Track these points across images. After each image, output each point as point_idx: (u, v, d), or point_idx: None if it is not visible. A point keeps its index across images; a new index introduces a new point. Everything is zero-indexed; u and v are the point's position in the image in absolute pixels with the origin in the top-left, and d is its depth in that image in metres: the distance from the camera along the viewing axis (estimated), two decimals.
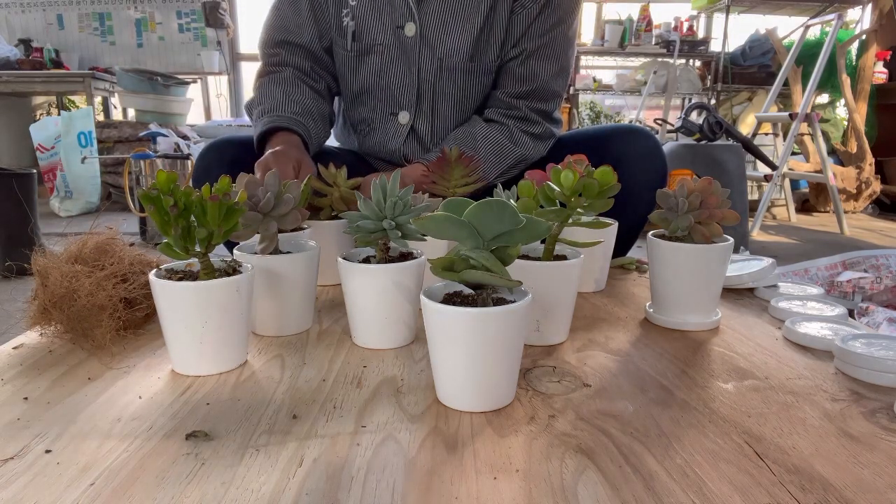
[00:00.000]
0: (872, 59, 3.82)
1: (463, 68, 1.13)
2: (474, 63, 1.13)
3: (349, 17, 1.12)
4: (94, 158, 3.53)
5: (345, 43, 1.14)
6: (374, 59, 1.14)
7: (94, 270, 0.68)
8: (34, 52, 4.25)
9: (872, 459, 0.47)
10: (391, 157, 1.21)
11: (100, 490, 0.42)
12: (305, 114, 1.09)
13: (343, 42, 1.14)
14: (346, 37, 1.13)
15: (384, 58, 1.13)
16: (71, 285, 0.65)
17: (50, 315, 0.68)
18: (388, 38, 1.12)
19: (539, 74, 1.13)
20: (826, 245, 2.82)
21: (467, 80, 1.14)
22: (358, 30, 1.12)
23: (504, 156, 1.13)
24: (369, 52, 1.13)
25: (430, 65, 1.12)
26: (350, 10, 1.12)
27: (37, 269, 0.68)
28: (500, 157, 1.13)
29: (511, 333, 0.52)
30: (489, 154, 1.12)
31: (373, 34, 1.12)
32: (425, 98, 1.15)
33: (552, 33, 1.12)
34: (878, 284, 1.33)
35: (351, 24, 1.12)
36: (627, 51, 4.52)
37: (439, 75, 1.13)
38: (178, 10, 4.67)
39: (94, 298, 0.66)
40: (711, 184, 0.74)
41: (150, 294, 0.62)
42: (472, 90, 1.16)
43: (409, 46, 1.11)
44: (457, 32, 1.10)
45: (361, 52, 1.14)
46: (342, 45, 1.15)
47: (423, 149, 1.19)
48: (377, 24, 1.11)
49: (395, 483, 0.43)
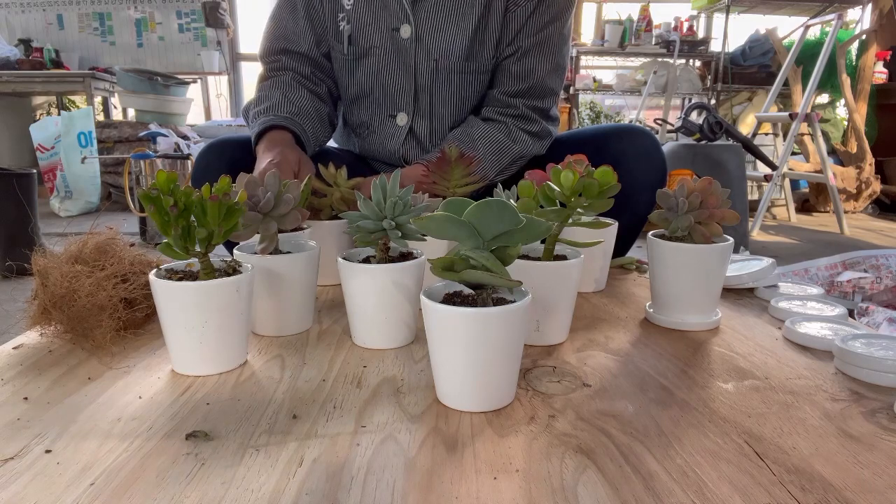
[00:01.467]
0: (872, 59, 3.82)
1: (459, 68, 1.13)
2: (470, 62, 1.13)
3: (345, 22, 1.13)
4: (94, 158, 3.53)
5: (341, 47, 1.14)
6: (371, 62, 1.14)
7: (95, 271, 0.68)
8: (34, 52, 4.25)
9: (872, 459, 0.47)
10: (390, 159, 1.21)
11: (100, 490, 0.42)
12: (302, 114, 1.09)
13: (340, 46, 1.15)
14: (343, 41, 1.14)
15: (380, 60, 1.13)
16: (71, 285, 0.65)
17: (50, 315, 0.68)
18: (384, 41, 1.12)
19: (535, 72, 1.13)
20: (826, 245, 2.82)
21: (463, 80, 1.14)
22: (354, 33, 1.13)
23: (503, 154, 1.13)
24: (365, 55, 1.14)
25: (426, 66, 1.13)
26: (346, 14, 1.12)
27: (37, 269, 0.68)
28: (499, 156, 1.13)
29: (511, 333, 0.52)
30: (488, 153, 1.12)
31: (368, 37, 1.12)
32: (422, 99, 1.15)
33: (547, 30, 1.12)
34: (878, 284, 1.33)
35: (347, 27, 1.12)
36: (627, 51, 4.52)
37: (436, 76, 1.13)
38: (178, 10, 4.67)
39: (94, 298, 0.66)
40: (711, 184, 0.74)
41: (151, 294, 0.62)
42: (469, 90, 1.16)
43: (405, 48, 1.11)
44: (452, 33, 1.11)
45: (358, 56, 1.14)
46: (339, 49, 1.15)
47: (422, 150, 1.19)
48: (373, 26, 1.11)
49: (395, 483, 0.43)
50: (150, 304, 0.70)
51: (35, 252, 0.70)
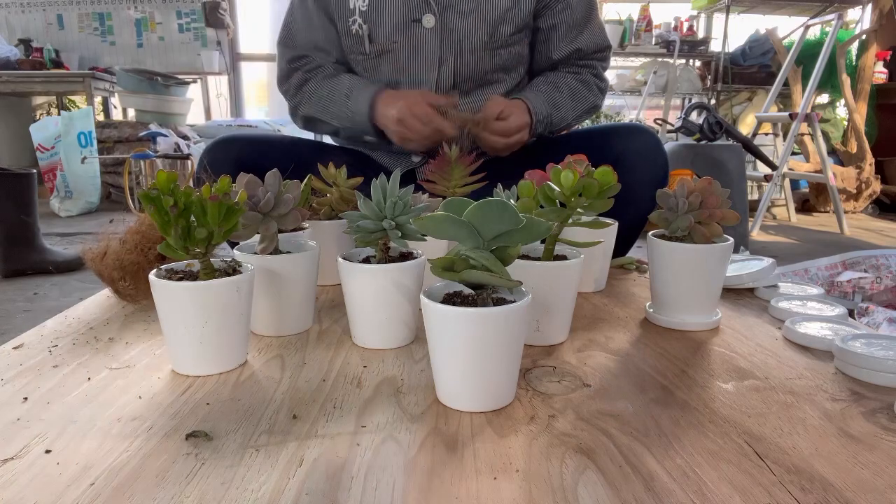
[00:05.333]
0: (872, 59, 3.81)
1: (482, 45, 1.15)
2: (496, 37, 1.15)
3: (357, 24, 1.14)
4: (94, 158, 3.53)
5: (361, 48, 1.16)
6: (394, 58, 1.15)
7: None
8: (34, 52, 4.25)
9: (872, 459, 0.47)
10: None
11: (100, 490, 0.42)
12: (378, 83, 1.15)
13: (359, 47, 1.16)
14: (362, 42, 1.15)
15: (403, 54, 1.15)
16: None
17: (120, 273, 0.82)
18: (407, 34, 1.13)
19: (598, 31, 1.21)
20: (826, 245, 2.82)
21: (489, 55, 1.16)
22: (372, 32, 1.14)
23: (583, 101, 1.20)
24: (388, 51, 1.15)
25: (449, 50, 1.14)
26: (359, 17, 1.13)
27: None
28: (581, 102, 1.19)
29: (511, 333, 0.52)
30: (568, 98, 1.17)
31: (389, 33, 1.13)
32: (445, 81, 1.17)
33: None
34: (879, 284, 1.33)
35: (364, 28, 1.13)
36: (627, 51, 4.52)
37: (459, 57, 1.15)
38: (178, 10, 4.67)
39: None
40: (711, 184, 0.74)
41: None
42: (493, 63, 1.17)
43: (430, 38, 1.13)
44: (476, 13, 1.12)
45: (379, 53, 1.16)
46: (358, 49, 1.16)
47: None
48: (392, 22, 1.13)
49: (395, 483, 0.43)
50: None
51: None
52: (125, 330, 0.75)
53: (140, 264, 0.84)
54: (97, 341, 0.71)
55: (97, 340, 0.71)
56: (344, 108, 1.14)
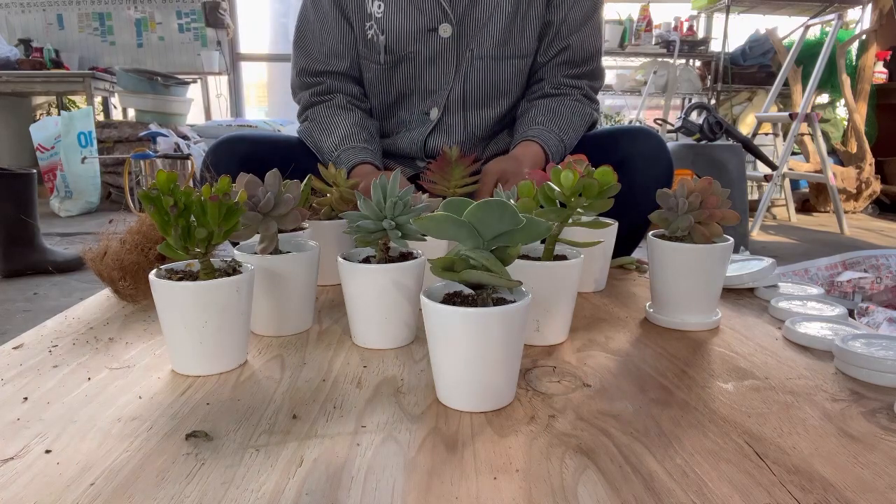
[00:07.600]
0: (872, 59, 3.82)
1: (495, 54, 1.14)
2: (506, 48, 1.14)
3: (374, 30, 1.13)
4: (94, 158, 3.53)
5: (377, 57, 1.15)
6: (409, 67, 1.15)
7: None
8: (34, 52, 4.24)
9: (872, 459, 0.47)
10: (411, 151, 1.21)
11: (100, 490, 0.42)
12: (371, 140, 1.15)
13: (375, 56, 1.15)
14: (378, 50, 1.14)
15: (418, 64, 1.14)
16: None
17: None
18: (423, 44, 1.13)
19: (593, 54, 1.19)
20: (826, 245, 2.82)
21: (500, 65, 1.16)
22: (388, 41, 1.13)
23: (584, 123, 1.20)
24: (403, 60, 1.14)
25: (464, 59, 1.14)
26: (376, 23, 1.13)
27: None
28: (581, 125, 1.19)
29: (511, 333, 0.52)
30: (569, 124, 1.16)
31: (405, 42, 1.13)
32: (457, 91, 1.16)
33: (595, 16, 1.17)
34: (878, 284, 1.33)
35: (382, 38, 1.13)
36: (627, 51, 4.52)
37: (474, 67, 1.15)
38: (178, 10, 4.67)
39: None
40: (711, 184, 0.74)
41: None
42: (504, 75, 1.17)
43: (446, 47, 1.12)
44: (491, 22, 1.12)
45: (394, 63, 1.15)
46: (373, 58, 1.16)
47: (447, 139, 1.20)
48: (409, 31, 1.12)
49: (395, 483, 0.43)
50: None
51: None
52: (125, 330, 0.75)
53: (140, 264, 0.84)
54: (97, 341, 0.71)
55: (97, 340, 0.71)
56: (330, 155, 1.14)
